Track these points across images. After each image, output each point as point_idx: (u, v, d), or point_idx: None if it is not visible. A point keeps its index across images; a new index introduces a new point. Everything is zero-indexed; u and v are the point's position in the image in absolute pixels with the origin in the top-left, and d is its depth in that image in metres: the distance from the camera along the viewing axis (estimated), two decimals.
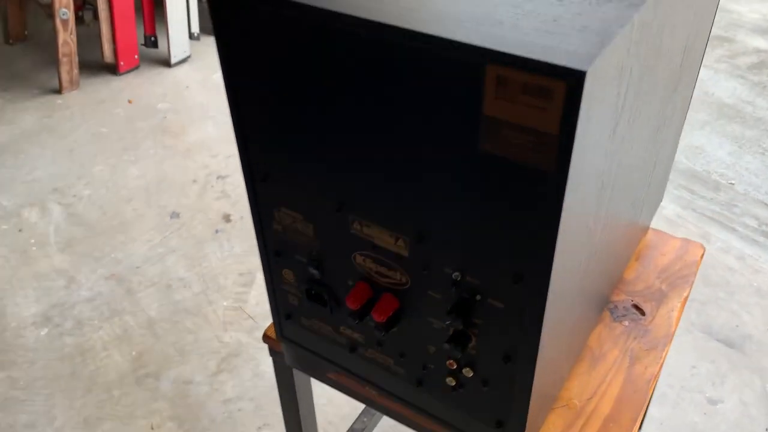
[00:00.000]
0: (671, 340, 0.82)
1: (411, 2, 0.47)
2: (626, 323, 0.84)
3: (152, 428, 1.46)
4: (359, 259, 0.60)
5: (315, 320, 0.70)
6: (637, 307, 0.86)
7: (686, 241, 0.95)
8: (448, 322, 0.56)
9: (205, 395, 1.52)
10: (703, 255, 0.93)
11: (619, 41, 0.43)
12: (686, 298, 0.87)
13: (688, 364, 1.56)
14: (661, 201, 0.94)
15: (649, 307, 0.85)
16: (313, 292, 0.67)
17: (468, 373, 0.60)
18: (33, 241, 1.93)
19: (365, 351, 0.68)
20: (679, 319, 0.85)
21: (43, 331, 1.67)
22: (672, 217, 1.96)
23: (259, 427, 1.45)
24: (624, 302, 0.86)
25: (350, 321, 0.63)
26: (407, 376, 0.66)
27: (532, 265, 0.49)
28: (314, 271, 0.65)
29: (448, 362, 0.61)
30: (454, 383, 0.62)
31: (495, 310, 0.54)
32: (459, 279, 0.55)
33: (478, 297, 0.55)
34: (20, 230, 1.96)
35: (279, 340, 0.77)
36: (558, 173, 0.43)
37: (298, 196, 0.60)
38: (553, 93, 0.40)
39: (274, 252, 0.67)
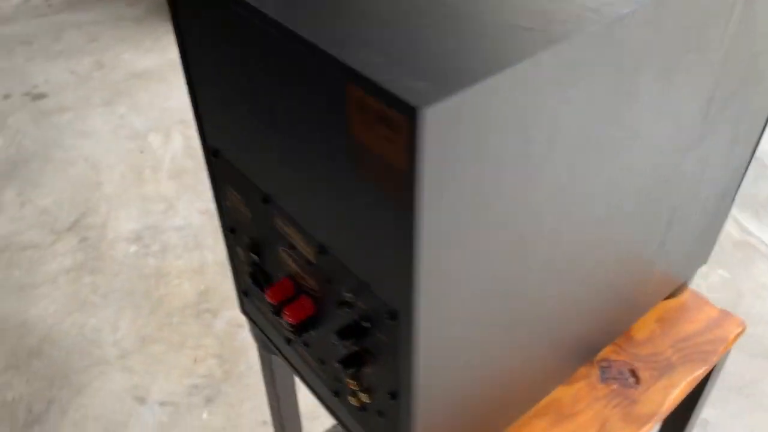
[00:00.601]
0: (657, 421, 0.72)
1: (329, 7, 0.43)
2: (614, 386, 0.75)
3: (195, 361, 1.54)
4: (283, 254, 0.58)
5: (261, 303, 0.69)
6: (634, 372, 0.76)
7: (725, 313, 0.82)
8: (336, 342, 0.53)
9: (250, 342, 1.58)
10: (740, 334, 0.80)
11: (507, 80, 0.37)
12: (698, 379, 0.76)
13: None
14: (705, 262, 0.82)
15: (647, 376, 0.76)
16: (256, 275, 0.66)
17: (365, 398, 0.57)
18: (149, 164, 2.09)
19: (297, 346, 0.66)
20: (677, 401, 0.74)
21: (132, 248, 1.81)
22: None
23: None
24: (621, 364, 0.77)
25: (271, 314, 0.61)
26: (327, 383, 0.64)
27: (404, 305, 0.45)
28: (254, 256, 0.64)
29: (349, 382, 0.58)
30: (357, 404, 0.59)
31: (381, 343, 0.50)
32: (351, 301, 0.51)
33: (367, 324, 0.51)
34: (142, 152, 2.13)
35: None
36: (411, 213, 0.39)
37: (239, 179, 0.59)
38: (398, 127, 0.36)
39: (229, 228, 0.67)
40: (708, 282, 1.70)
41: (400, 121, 0.35)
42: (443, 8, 0.42)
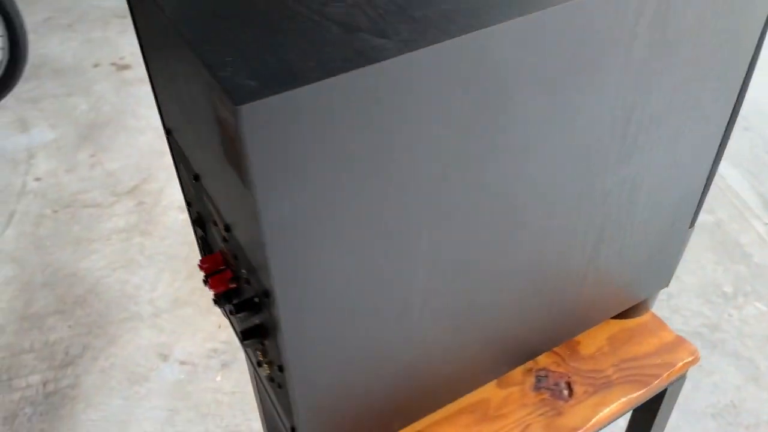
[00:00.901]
0: None
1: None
2: (546, 396, 0.76)
3: (219, 327, 1.63)
4: (212, 229, 0.64)
5: None
6: (569, 385, 0.77)
7: (681, 340, 0.81)
8: (232, 314, 0.58)
9: None
10: (691, 363, 0.79)
11: (341, 85, 0.40)
12: (633, 401, 0.76)
13: None
14: (666, 285, 0.81)
15: (581, 391, 0.76)
16: (203, 248, 0.72)
17: (268, 370, 0.61)
18: None
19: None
20: (606, 420, 0.74)
21: (182, 216, 1.93)
22: None
23: None
24: (558, 375, 0.78)
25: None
26: (253, 352, 0.69)
27: (271, 286, 0.49)
28: (200, 230, 0.69)
29: (257, 352, 0.63)
30: (266, 374, 0.64)
31: (266, 319, 0.55)
32: (247, 278, 0.56)
33: (257, 300, 0.55)
34: None
35: None
36: (254, 198, 0.43)
37: (183, 157, 0.65)
38: (233, 120, 0.40)
39: (188, 202, 0.73)
40: (742, 314, 1.63)
41: (231, 114, 0.40)
42: (318, 16, 0.46)
